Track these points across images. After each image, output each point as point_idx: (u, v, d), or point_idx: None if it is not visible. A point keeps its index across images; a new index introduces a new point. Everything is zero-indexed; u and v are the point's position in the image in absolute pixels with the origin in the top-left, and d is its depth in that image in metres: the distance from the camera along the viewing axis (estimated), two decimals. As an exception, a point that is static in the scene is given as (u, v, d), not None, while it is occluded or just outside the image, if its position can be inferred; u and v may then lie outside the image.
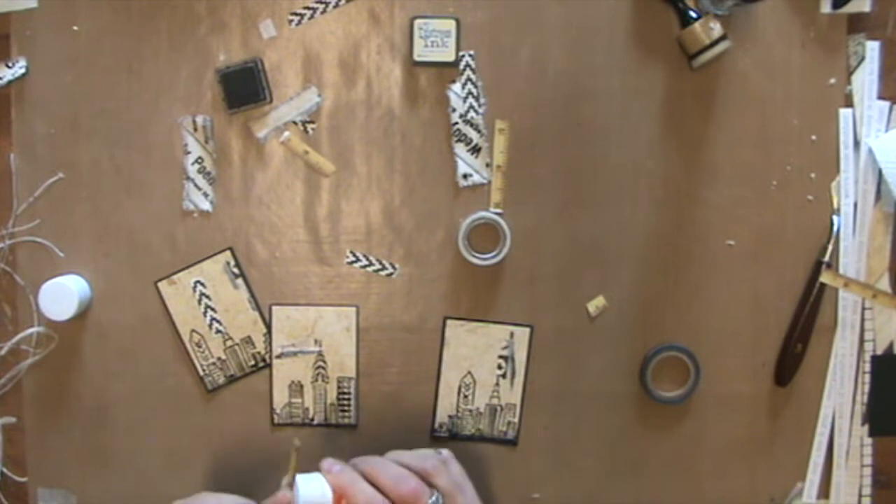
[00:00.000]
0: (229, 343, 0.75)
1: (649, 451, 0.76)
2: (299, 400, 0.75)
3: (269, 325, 0.74)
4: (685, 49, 0.72)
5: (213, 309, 0.75)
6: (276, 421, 0.75)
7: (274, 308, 0.74)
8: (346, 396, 0.75)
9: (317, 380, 0.75)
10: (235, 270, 0.74)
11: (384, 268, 0.74)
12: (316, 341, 0.75)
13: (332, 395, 0.75)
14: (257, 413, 0.75)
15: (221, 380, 0.75)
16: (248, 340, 0.75)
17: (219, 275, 0.74)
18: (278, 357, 0.75)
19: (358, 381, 0.75)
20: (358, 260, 0.74)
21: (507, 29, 0.73)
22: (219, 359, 0.75)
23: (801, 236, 0.75)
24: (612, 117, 0.73)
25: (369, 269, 0.74)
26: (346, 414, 0.75)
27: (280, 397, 0.75)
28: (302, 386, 0.75)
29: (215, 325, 0.75)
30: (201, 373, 0.75)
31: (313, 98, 0.73)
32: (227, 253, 0.74)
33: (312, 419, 0.75)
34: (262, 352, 0.75)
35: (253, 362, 0.75)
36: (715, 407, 0.75)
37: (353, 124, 0.73)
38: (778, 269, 0.75)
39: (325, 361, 0.75)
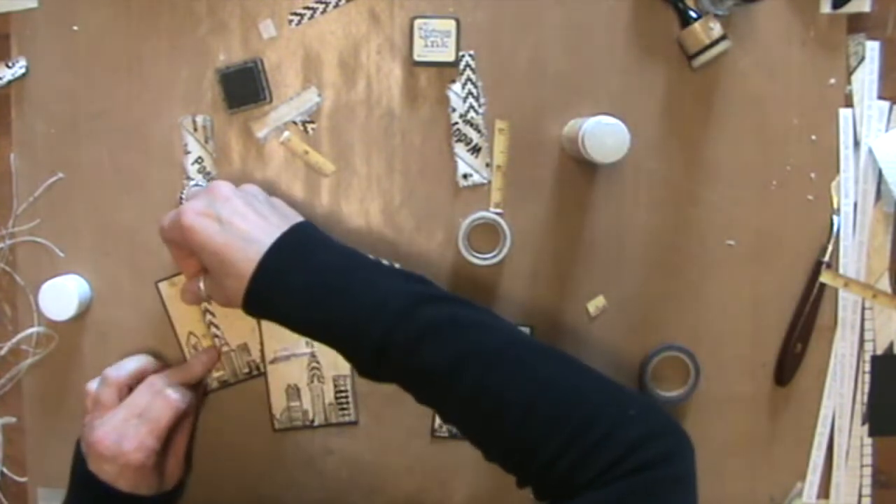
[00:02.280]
0: (225, 349, 0.75)
1: (649, 452, 0.75)
2: (298, 403, 0.75)
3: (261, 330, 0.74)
4: (685, 49, 0.72)
5: (211, 313, 0.74)
6: (276, 426, 0.75)
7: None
8: (343, 394, 0.75)
9: (313, 381, 0.75)
10: (235, 270, 0.74)
11: (384, 268, 0.74)
12: (307, 343, 0.74)
13: (329, 395, 0.75)
14: (258, 419, 0.75)
15: (214, 384, 0.75)
16: (244, 348, 0.75)
17: (218, 275, 0.74)
18: (272, 362, 0.74)
19: (353, 378, 0.75)
20: (358, 260, 0.74)
21: (507, 29, 0.73)
22: (213, 363, 0.75)
23: (801, 236, 0.75)
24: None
25: (369, 269, 0.74)
26: (346, 412, 0.75)
27: (278, 402, 0.75)
28: (299, 389, 0.75)
29: (213, 329, 0.74)
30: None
31: (313, 98, 0.73)
32: (227, 253, 0.74)
33: (313, 420, 0.75)
34: (258, 360, 0.75)
35: (247, 370, 0.75)
36: (715, 407, 0.75)
37: (353, 124, 0.73)
38: (778, 269, 0.75)
39: (318, 362, 0.74)
